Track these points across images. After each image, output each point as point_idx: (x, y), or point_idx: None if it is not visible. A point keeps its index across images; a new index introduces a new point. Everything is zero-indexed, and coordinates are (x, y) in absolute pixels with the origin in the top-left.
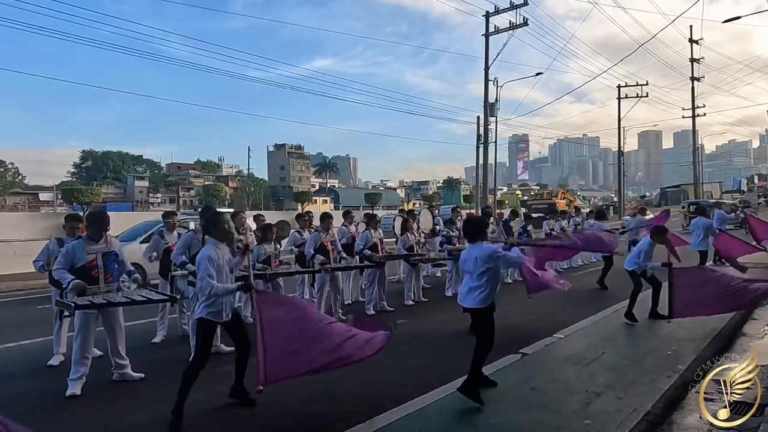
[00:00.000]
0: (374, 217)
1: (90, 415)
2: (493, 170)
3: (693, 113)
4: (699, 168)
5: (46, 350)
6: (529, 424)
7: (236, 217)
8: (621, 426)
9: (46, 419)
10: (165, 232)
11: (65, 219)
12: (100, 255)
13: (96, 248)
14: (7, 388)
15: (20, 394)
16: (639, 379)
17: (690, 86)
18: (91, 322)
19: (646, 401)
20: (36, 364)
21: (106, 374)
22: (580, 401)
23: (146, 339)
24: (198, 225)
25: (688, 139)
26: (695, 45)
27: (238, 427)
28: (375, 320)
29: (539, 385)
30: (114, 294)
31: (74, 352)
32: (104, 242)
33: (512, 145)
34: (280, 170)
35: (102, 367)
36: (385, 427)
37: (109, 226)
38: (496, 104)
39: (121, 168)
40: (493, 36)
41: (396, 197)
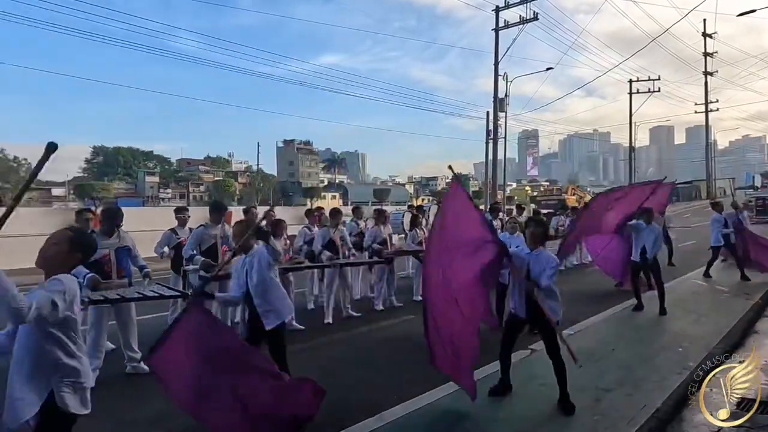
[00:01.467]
0: (383, 213)
1: (103, 407)
2: (503, 166)
3: (706, 108)
4: (712, 164)
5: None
6: (538, 420)
7: (247, 214)
8: (631, 423)
9: None
10: (176, 227)
11: (76, 214)
12: (113, 250)
13: (109, 243)
14: None
15: None
16: (649, 376)
17: (703, 81)
18: (104, 317)
19: (656, 398)
20: None
21: (119, 367)
22: (589, 398)
23: (158, 333)
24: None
25: (700, 135)
26: (708, 39)
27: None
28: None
29: (549, 382)
30: (126, 289)
31: (88, 345)
32: (117, 237)
33: (522, 140)
34: (289, 166)
35: (115, 361)
36: (394, 421)
37: (122, 221)
38: (505, 99)
39: (131, 164)
40: (503, 30)
41: (405, 193)
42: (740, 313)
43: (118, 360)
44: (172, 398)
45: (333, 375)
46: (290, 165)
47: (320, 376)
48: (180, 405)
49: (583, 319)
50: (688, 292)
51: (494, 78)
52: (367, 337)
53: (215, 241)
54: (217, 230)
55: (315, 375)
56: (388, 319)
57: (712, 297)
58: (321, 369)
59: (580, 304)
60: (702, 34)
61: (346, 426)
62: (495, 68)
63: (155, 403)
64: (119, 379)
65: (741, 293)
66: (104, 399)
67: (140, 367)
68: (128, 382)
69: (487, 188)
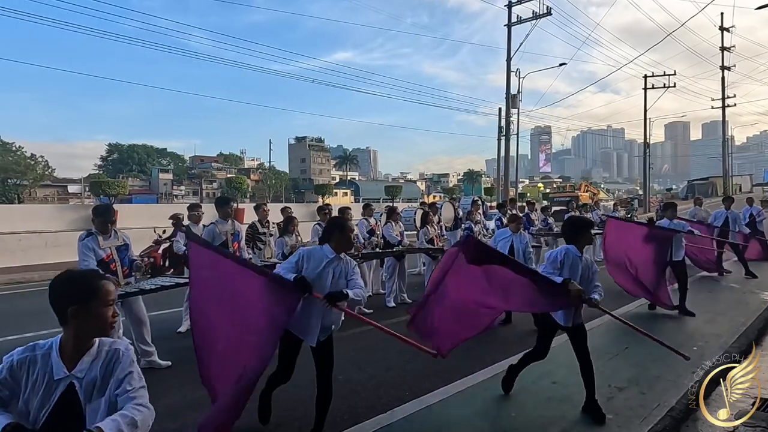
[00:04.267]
0: (395, 210)
1: None
2: (515, 162)
3: (723, 103)
4: (729, 160)
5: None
6: (549, 418)
7: (259, 210)
8: (644, 421)
9: None
10: (191, 224)
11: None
12: (115, 249)
13: (109, 242)
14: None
15: None
16: (664, 374)
17: (720, 75)
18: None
19: (670, 397)
20: None
21: None
22: (602, 396)
23: (173, 328)
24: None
25: (717, 130)
26: (726, 33)
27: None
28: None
29: (560, 380)
30: (144, 282)
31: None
32: (115, 236)
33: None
34: (301, 163)
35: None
36: (406, 418)
37: (115, 218)
38: (518, 96)
39: (146, 161)
40: (516, 26)
41: (416, 190)
42: (756, 311)
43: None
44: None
45: (344, 371)
46: (302, 162)
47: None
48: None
49: (596, 317)
50: (703, 289)
51: (507, 74)
52: (378, 334)
53: (226, 238)
54: (228, 226)
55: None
56: (399, 316)
57: (727, 294)
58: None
59: None
60: (719, 28)
61: (360, 421)
62: (507, 64)
63: (170, 398)
64: None
65: (754, 290)
66: None
67: (155, 361)
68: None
69: (499, 185)
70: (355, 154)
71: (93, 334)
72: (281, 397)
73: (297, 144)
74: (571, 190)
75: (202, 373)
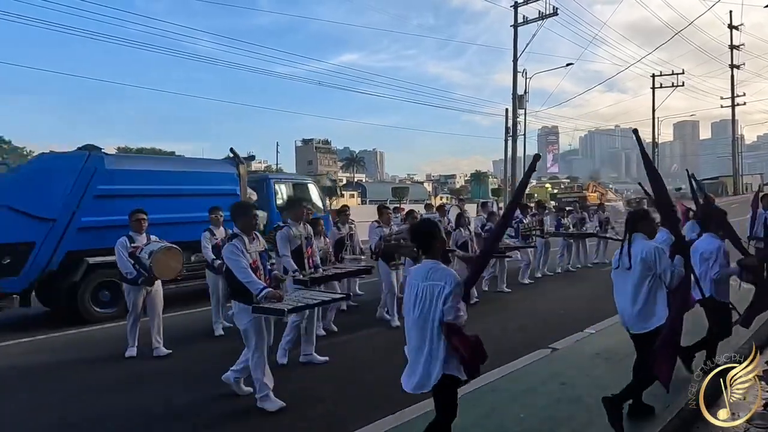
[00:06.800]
0: (412, 213)
1: (134, 402)
2: (522, 163)
3: (732, 102)
4: (738, 159)
5: (80, 342)
6: (558, 419)
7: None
8: (655, 422)
9: (92, 403)
10: (211, 227)
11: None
12: (258, 254)
13: (254, 247)
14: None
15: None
16: (674, 375)
17: (729, 74)
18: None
19: (680, 398)
20: (80, 354)
21: (147, 365)
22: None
23: (184, 330)
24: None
25: (727, 129)
26: (735, 30)
27: (273, 419)
28: None
29: (569, 381)
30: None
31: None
32: (257, 239)
33: (541, 137)
34: (308, 165)
35: (143, 357)
36: (414, 419)
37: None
38: (524, 96)
39: None
40: (522, 26)
41: (423, 191)
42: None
43: (146, 357)
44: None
45: (354, 372)
46: (309, 164)
47: (341, 373)
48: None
49: (604, 318)
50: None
51: (513, 75)
52: (388, 336)
53: (301, 242)
54: (301, 230)
55: (336, 372)
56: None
57: (740, 293)
58: (342, 366)
59: (602, 302)
60: (728, 26)
61: (372, 421)
62: (514, 65)
63: (181, 398)
64: (148, 376)
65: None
66: (133, 393)
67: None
68: (156, 378)
69: (507, 185)
70: (361, 156)
71: None
72: (302, 394)
73: (304, 146)
74: (579, 191)
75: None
